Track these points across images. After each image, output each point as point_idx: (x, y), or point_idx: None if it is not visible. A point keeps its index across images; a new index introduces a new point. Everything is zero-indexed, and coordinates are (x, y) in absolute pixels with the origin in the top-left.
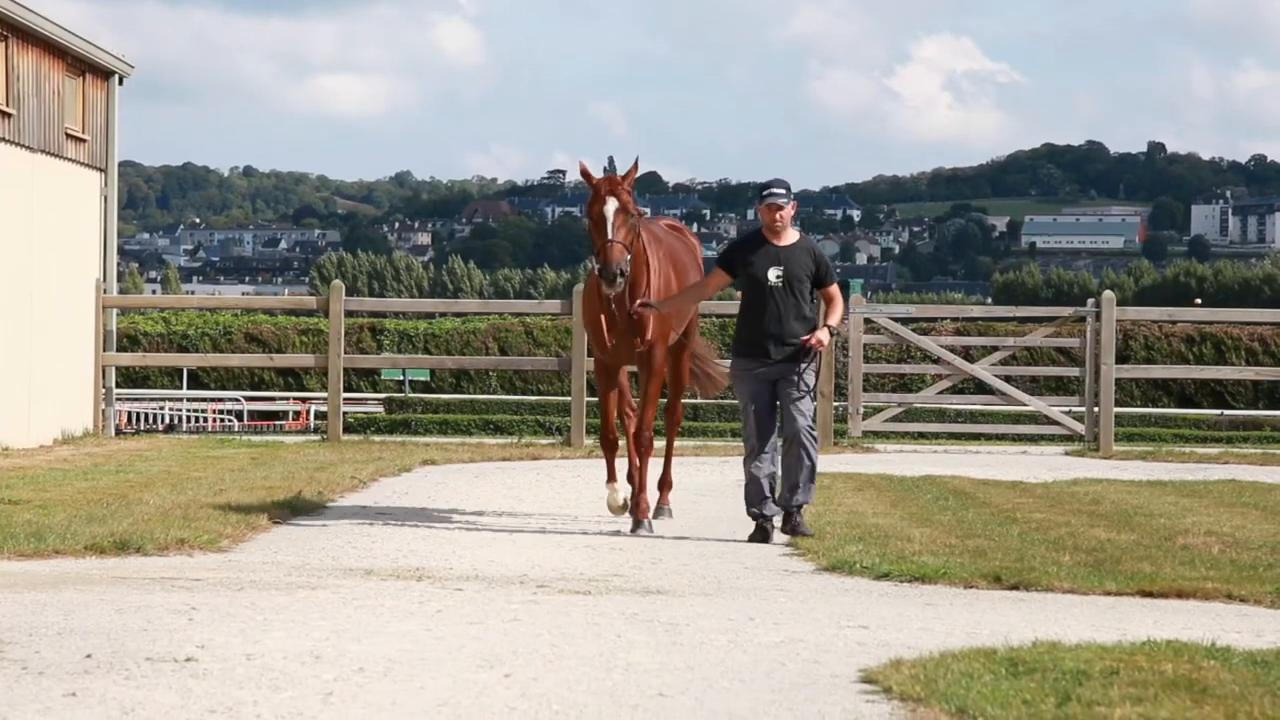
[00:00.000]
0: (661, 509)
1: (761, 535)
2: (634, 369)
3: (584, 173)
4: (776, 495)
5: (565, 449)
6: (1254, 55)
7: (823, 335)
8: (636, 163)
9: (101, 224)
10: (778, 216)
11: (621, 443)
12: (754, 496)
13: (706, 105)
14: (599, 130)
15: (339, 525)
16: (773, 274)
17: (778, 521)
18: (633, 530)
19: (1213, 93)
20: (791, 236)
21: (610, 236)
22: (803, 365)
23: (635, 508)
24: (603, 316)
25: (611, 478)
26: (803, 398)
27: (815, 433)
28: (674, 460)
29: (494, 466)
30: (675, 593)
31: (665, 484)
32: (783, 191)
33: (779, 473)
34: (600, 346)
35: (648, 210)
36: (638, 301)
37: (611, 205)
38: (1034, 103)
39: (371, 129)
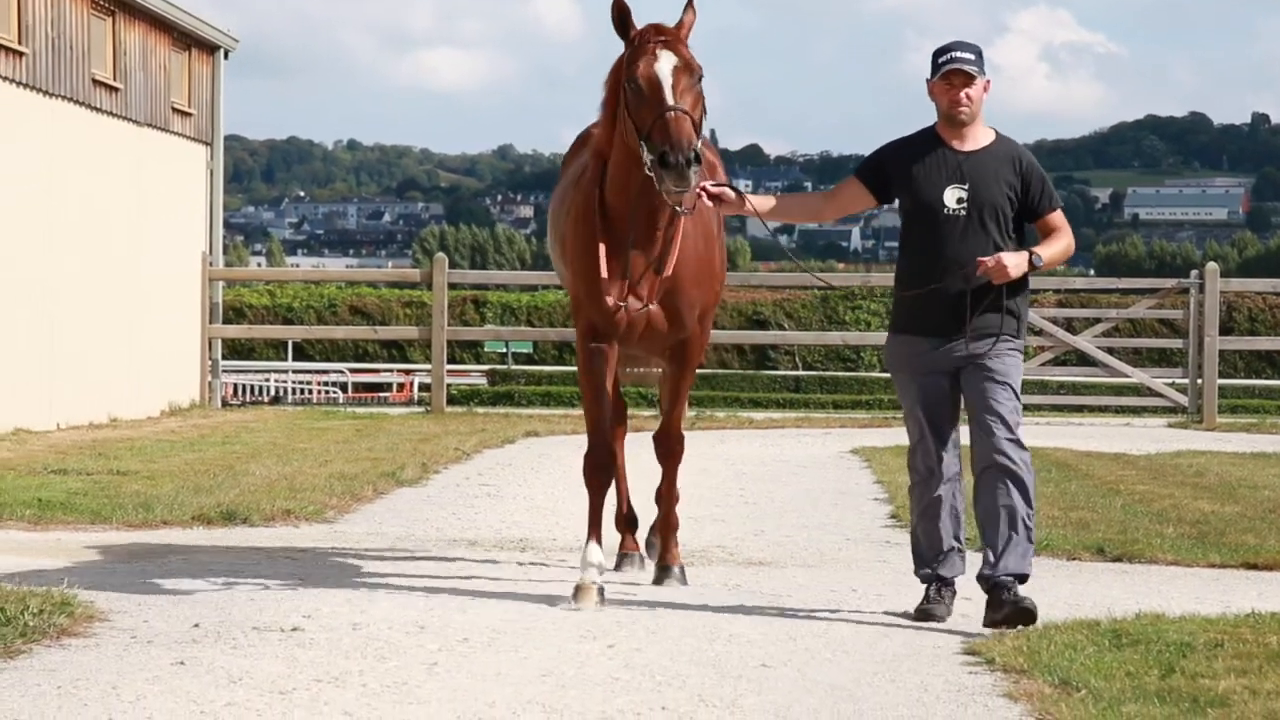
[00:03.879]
0: (669, 568)
1: (926, 609)
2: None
3: (621, 10)
4: (961, 542)
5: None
6: None
7: (1011, 259)
8: (691, 6)
9: (207, 197)
10: (963, 97)
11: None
12: (925, 547)
13: (801, 77)
14: None
15: (443, 496)
16: (951, 196)
17: (959, 585)
18: (658, 581)
19: None
20: (983, 136)
21: (671, 102)
22: (987, 339)
23: (663, 550)
24: (604, 245)
25: (595, 530)
26: (1003, 395)
27: (1025, 454)
28: (775, 434)
29: None
30: (777, 564)
31: (667, 525)
32: (971, 56)
33: (962, 511)
34: (599, 300)
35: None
36: (711, 185)
37: (668, 61)
38: (1132, 73)
39: (473, 102)
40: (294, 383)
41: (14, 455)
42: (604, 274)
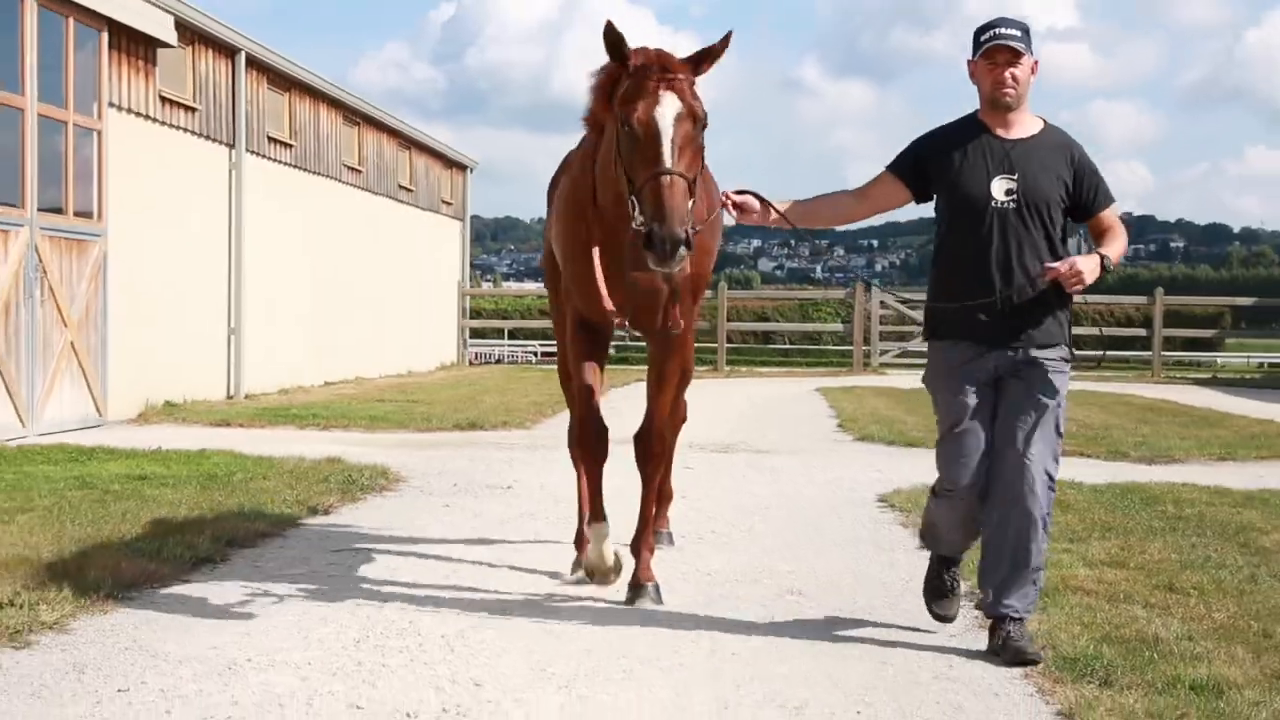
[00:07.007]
0: (643, 586)
1: (940, 614)
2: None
3: (611, 38)
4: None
5: (714, 370)
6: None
7: (1086, 264)
8: (728, 40)
9: (461, 250)
10: (1008, 77)
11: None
12: (940, 530)
13: (803, 176)
14: None
15: None
16: (999, 187)
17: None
18: (631, 601)
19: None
20: (1031, 124)
21: (668, 164)
22: (1044, 350)
23: (636, 564)
24: (598, 250)
25: (595, 512)
26: (1041, 426)
27: (1053, 494)
28: (773, 380)
29: None
30: (775, 451)
31: (642, 539)
32: (1017, 33)
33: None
34: (591, 298)
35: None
36: (734, 193)
37: (670, 107)
38: None
39: None
40: (508, 352)
41: (357, 391)
42: (602, 285)
